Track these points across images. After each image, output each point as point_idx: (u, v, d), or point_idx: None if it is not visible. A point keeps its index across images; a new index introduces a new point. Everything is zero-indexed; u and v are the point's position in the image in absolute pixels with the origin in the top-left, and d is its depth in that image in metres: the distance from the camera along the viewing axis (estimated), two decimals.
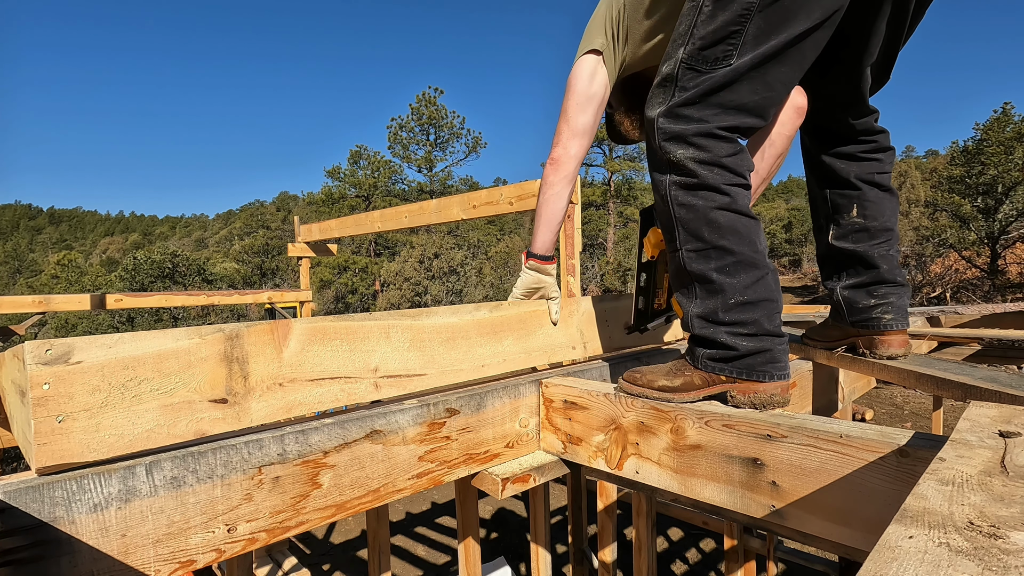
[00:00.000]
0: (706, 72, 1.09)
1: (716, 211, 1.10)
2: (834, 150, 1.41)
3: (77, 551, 0.77)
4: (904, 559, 0.41)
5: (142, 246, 65.48)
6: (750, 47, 1.06)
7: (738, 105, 1.10)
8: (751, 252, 1.11)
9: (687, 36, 1.11)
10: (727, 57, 1.07)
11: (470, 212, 3.55)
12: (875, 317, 1.41)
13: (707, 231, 1.10)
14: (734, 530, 4.07)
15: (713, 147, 1.10)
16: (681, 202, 1.12)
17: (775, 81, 1.11)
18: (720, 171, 1.10)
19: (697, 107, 1.10)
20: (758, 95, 1.10)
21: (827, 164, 1.42)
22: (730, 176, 1.11)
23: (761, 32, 1.06)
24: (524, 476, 1.29)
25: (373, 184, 33.34)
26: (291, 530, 0.98)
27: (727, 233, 1.10)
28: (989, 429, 0.74)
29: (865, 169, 1.39)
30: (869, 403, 10.92)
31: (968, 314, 2.68)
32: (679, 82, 1.12)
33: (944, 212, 21.75)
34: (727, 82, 1.08)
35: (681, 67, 1.11)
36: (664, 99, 1.14)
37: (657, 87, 1.16)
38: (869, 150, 1.39)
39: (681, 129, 1.10)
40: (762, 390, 1.10)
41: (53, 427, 0.79)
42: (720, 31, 1.07)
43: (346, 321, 1.13)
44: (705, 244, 1.11)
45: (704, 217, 1.10)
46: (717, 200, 1.10)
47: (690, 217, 1.11)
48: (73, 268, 34.49)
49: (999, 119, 19.90)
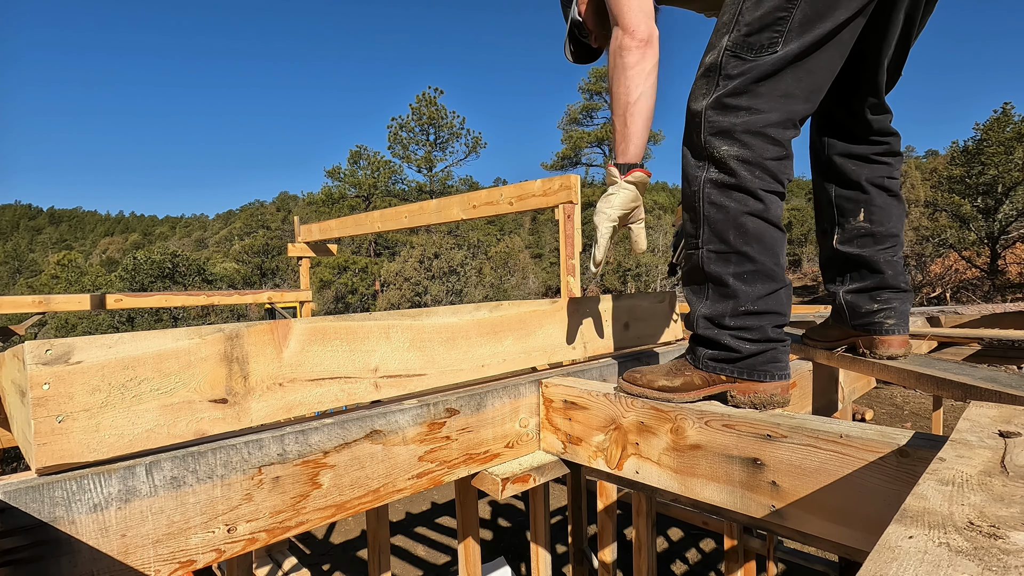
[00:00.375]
0: (751, 60, 1.06)
1: (747, 216, 1.08)
2: (847, 150, 1.39)
3: (77, 551, 0.77)
4: (904, 559, 0.41)
5: (142, 246, 65.49)
6: (796, 34, 1.04)
7: (785, 93, 1.07)
8: (772, 264, 1.10)
9: (732, 24, 1.08)
10: (772, 44, 1.05)
11: (470, 212, 3.55)
12: (877, 322, 1.40)
13: (733, 235, 1.08)
14: (734, 530, 4.07)
15: (759, 147, 1.07)
16: (713, 201, 1.09)
17: (819, 68, 1.09)
18: (761, 174, 1.07)
19: (746, 96, 1.06)
20: (804, 82, 1.08)
21: (838, 165, 1.40)
22: (769, 181, 1.08)
23: (806, 19, 1.04)
24: (524, 476, 1.29)
25: (373, 184, 33.34)
26: (291, 530, 0.98)
27: (752, 240, 1.08)
28: (989, 429, 0.74)
29: (876, 172, 1.38)
30: (869, 403, 10.92)
31: (968, 314, 2.68)
32: (723, 70, 1.08)
33: (944, 212, 21.76)
34: (774, 70, 1.06)
35: (725, 55, 1.08)
36: (709, 90, 1.10)
37: (701, 78, 1.12)
38: (881, 152, 1.37)
39: (730, 124, 1.07)
40: (762, 390, 1.10)
41: (53, 427, 0.79)
42: (767, 17, 1.04)
43: (346, 321, 1.13)
44: (728, 248, 1.09)
45: (734, 220, 1.08)
46: (750, 205, 1.08)
47: (719, 218, 1.09)
48: (73, 268, 34.49)
49: (999, 119, 19.92)
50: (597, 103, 39.17)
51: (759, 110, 1.06)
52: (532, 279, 29.47)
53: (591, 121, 39.76)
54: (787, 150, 1.10)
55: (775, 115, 1.07)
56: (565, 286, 3.02)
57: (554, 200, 3.04)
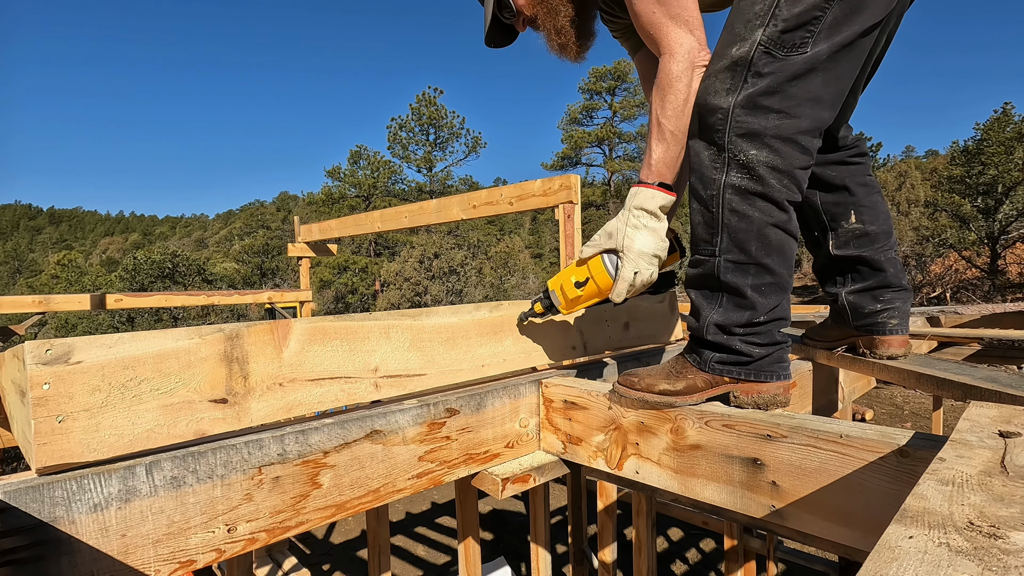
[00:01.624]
0: (782, 58, 1.00)
1: (771, 228, 1.04)
2: (821, 159, 1.37)
3: (77, 551, 0.77)
4: (904, 559, 0.41)
5: (142, 246, 65.52)
6: (825, 35, 1.00)
7: (815, 97, 1.02)
8: (788, 276, 1.07)
9: (767, 16, 1.00)
10: (803, 44, 1.00)
11: (470, 212, 3.55)
12: (880, 322, 1.40)
13: (755, 246, 1.04)
14: (734, 530, 4.07)
15: (789, 155, 1.01)
16: (735, 209, 1.04)
17: (843, 75, 1.05)
18: (789, 183, 1.03)
19: (779, 97, 1.01)
20: (831, 87, 1.04)
21: (816, 174, 1.37)
22: (794, 192, 1.05)
23: (837, 20, 1.00)
24: (524, 476, 1.29)
25: (373, 184, 33.35)
26: (291, 530, 0.97)
27: (774, 252, 1.05)
28: (989, 429, 0.74)
29: (855, 173, 1.38)
30: (869, 403, 10.92)
31: (968, 314, 2.68)
32: (754, 67, 1.01)
33: (944, 212, 21.76)
34: (804, 71, 1.00)
35: (758, 50, 1.01)
36: (735, 85, 1.02)
37: (724, 71, 1.04)
38: (853, 155, 1.38)
39: (761, 127, 1.01)
40: (765, 390, 1.10)
41: (53, 427, 0.79)
42: (805, 15, 0.99)
43: (346, 321, 1.13)
44: (748, 259, 1.05)
45: (758, 231, 1.03)
46: (776, 216, 1.03)
47: (742, 227, 1.04)
48: (73, 268, 34.49)
49: (999, 119, 19.93)
50: (597, 103, 39.18)
51: (791, 114, 1.01)
52: (532, 279, 29.47)
53: (591, 121, 39.78)
54: (813, 159, 1.07)
55: (806, 122, 1.02)
56: None
57: (554, 200, 3.04)
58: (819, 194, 1.41)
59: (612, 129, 38.50)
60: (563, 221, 2.99)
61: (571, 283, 1.24)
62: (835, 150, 1.38)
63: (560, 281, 1.27)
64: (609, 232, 1.16)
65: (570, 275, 1.25)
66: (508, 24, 1.42)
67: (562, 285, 1.26)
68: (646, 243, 1.13)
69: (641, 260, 1.13)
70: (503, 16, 1.39)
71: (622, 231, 1.14)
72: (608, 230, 1.16)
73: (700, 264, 1.12)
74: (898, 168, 24.62)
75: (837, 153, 1.38)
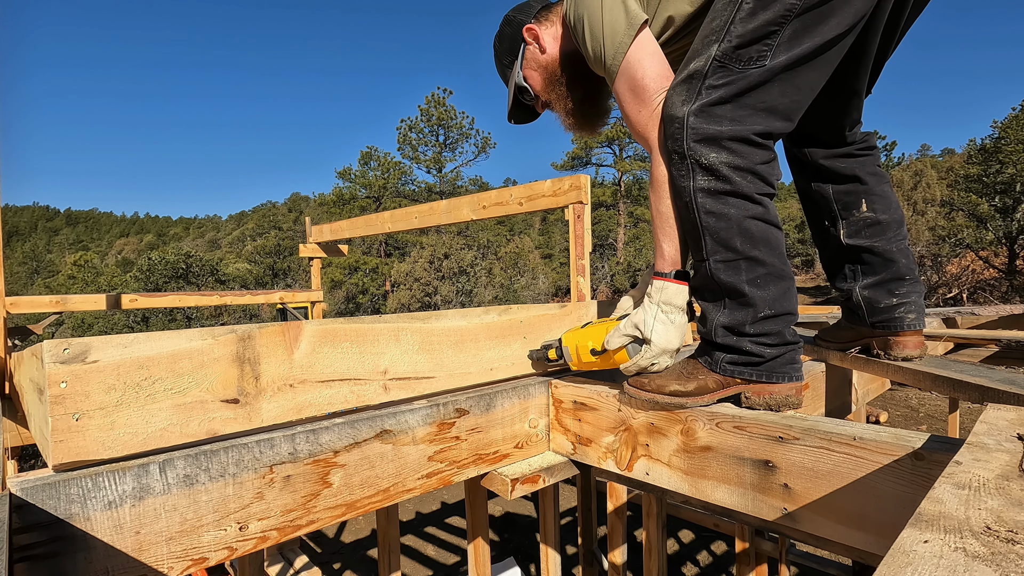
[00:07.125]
0: (738, 71, 1.05)
1: (750, 220, 1.07)
2: (830, 154, 1.40)
3: (92, 548, 0.78)
4: (919, 564, 0.40)
5: (156, 247, 66.34)
6: (784, 48, 1.04)
7: (769, 107, 1.07)
8: (780, 264, 1.09)
9: (722, 32, 1.06)
10: (761, 57, 1.04)
11: (480, 212, 3.55)
12: (898, 317, 1.38)
13: (740, 241, 1.07)
14: (745, 533, 4.04)
15: (748, 153, 1.06)
16: (710, 210, 1.07)
17: (804, 85, 1.08)
18: (753, 179, 1.06)
19: (730, 107, 1.06)
20: (788, 98, 1.07)
21: (827, 167, 1.40)
22: (762, 185, 1.08)
23: (796, 34, 1.03)
24: (534, 477, 1.29)
25: (383, 185, 33.52)
26: (302, 529, 0.98)
27: (760, 244, 1.07)
28: (1007, 432, 0.73)
29: (865, 163, 1.39)
30: (884, 405, 10.78)
31: (985, 315, 2.64)
32: (708, 79, 1.07)
33: (961, 211, 21.42)
34: (760, 82, 1.05)
35: (713, 64, 1.07)
36: (690, 96, 1.08)
37: (681, 84, 1.10)
38: (863, 148, 1.39)
39: (716, 131, 1.05)
40: (777, 391, 1.09)
41: (69, 424, 0.80)
42: (759, 30, 1.03)
43: (356, 323, 1.13)
44: (737, 255, 1.08)
45: (737, 227, 1.07)
46: (751, 209, 1.07)
47: (721, 226, 1.07)
48: (89, 268, 35.01)
49: (1018, 116, 19.56)
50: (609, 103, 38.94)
51: (743, 123, 1.06)
52: (542, 279, 29.45)
53: None
54: (773, 153, 1.11)
55: (759, 127, 1.07)
56: (575, 286, 3.02)
57: (564, 200, 3.04)
58: (831, 186, 1.42)
59: (623, 129, 38.40)
60: (573, 221, 2.99)
61: (587, 349, 1.26)
62: (843, 145, 1.39)
63: (576, 342, 1.29)
64: (636, 324, 1.18)
65: (587, 340, 1.27)
66: (529, 104, 1.50)
67: (578, 347, 1.29)
68: (671, 341, 1.16)
69: (664, 356, 1.17)
70: (523, 99, 1.47)
71: (649, 324, 1.16)
72: (635, 321, 1.18)
73: (696, 271, 1.16)
74: (914, 167, 24.26)
75: (845, 147, 1.39)
